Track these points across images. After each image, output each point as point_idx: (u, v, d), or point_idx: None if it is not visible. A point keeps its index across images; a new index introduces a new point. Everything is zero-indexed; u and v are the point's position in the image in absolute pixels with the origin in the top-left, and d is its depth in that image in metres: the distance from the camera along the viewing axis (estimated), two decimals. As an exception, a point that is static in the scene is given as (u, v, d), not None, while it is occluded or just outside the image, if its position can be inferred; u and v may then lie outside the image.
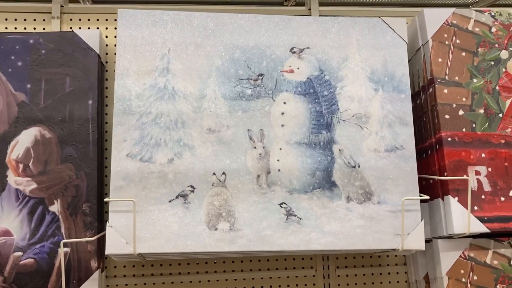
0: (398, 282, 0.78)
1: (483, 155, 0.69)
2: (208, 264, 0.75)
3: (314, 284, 0.77)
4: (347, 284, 0.77)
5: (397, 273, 0.78)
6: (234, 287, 0.75)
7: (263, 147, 0.67)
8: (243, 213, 0.64)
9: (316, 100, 0.69)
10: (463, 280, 0.67)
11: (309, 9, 0.82)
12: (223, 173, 0.65)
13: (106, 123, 0.75)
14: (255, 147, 0.66)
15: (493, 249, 0.69)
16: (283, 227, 0.65)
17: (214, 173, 0.65)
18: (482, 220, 0.66)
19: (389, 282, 0.78)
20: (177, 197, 0.64)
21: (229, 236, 0.63)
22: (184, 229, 0.63)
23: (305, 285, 0.76)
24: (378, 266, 0.78)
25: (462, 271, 0.68)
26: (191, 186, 0.64)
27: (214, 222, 0.64)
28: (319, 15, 0.81)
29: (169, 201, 0.63)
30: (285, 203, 0.65)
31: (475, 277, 0.68)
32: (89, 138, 0.69)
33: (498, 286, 0.67)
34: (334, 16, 0.78)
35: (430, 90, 0.71)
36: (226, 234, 0.63)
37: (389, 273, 0.78)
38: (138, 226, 0.62)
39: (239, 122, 0.67)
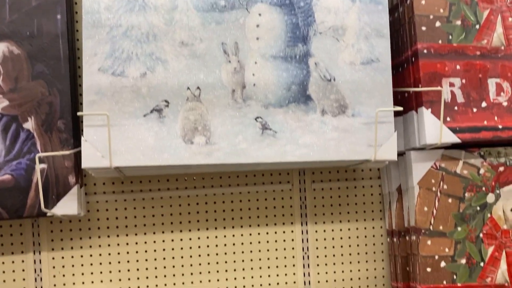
0: (372, 194, 0.81)
1: (458, 67, 0.69)
2: (187, 180, 0.77)
3: (290, 198, 0.79)
4: (323, 197, 0.80)
5: (371, 186, 0.81)
6: (213, 201, 0.77)
7: (238, 61, 0.66)
8: (219, 127, 0.65)
9: (292, 12, 0.67)
10: (434, 189, 0.70)
11: None
12: (198, 87, 0.65)
13: (78, 40, 0.73)
14: (229, 61, 0.65)
15: (463, 159, 0.71)
16: (258, 141, 0.65)
17: (188, 88, 0.64)
18: (454, 130, 0.68)
19: (363, 195, 0.81)
20: (151, 111, 0.63)
21: (205, 150, 0.64)
22: (160, 143, 0.63)
23: (282, 198, 0.79)
24: (353, 180, 0.81)
25: (433, 181, 0.70)
26: (165, 101, 0.64)
27: (189, 136, 0.64)
28: None
29: (144, 115, 0.63)
30: (260, 117, 0.66)
31: (445, 186, 0.70)
32: (60, 54, 0.67)
33: (466, 194, 0.70)
34: None
35: (408, 1, 0.70)
36: (202, 148, 0.64)
37: (363, 187, 0.81)
38: (113, 140, 0.62)
39: (212, 35, 0.65)
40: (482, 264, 0.70)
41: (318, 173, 0.80)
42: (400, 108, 0.66)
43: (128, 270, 0.75)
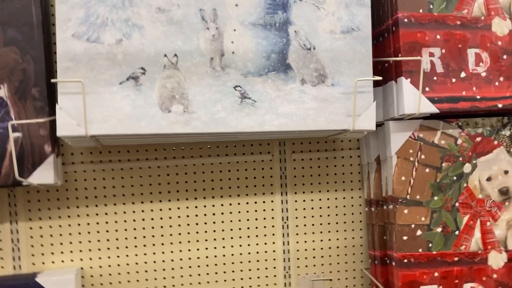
0: (351, 165, 0.82)
1: (438, 36, 0.69)
2: (166, 150, 0.76)
3: (271, 168, 0.79)
4: (302, 168, 0.80)
5: (351, 156, 0.81)
6: (193, 172, 0.77)
7: (216, 28, 0.64)
8: (197, 96, 0.64)
9: (272, -22, 0.66)
10: (411, 159, 0.71)
11: None
12: (175, 55, 0.63)
13: (52, 5, 0.71)
14: (207, 28, 0.64)
15: (441, 129, 0.71)
16: (237, 110, 0.65)
17: (165, 55, 0.63)
18: (432, 100, 0.68)
19: (343, 165, 0.81)
20: (127, 79, 0.62)
21: (183, 118, 0.63)
22: (136, 111, 0.62)
23: (262, 168, 0.79)
24: (333, 150, 0.81)
25: (411, 151, 0.71)
26: (142, 68, 0.63)
27: (167, 105, 0.63)
28: None
29: (120, 83, 0.62)
30: (239, 86, 0.65)
31: (422, 156, 0.71)
32: (32, 20, 0.65)
33: (443, 164, 0.71)
34: None
35: (390, -31, 0.69)
36: (180, 116, 0.63)
37: (342, 157, 0.81)
38: (89, 108, 0.61)
39: (190, 1, 0.64)
40: (457, 232, 0.71)
41: (298, 143, 0.80)
42: (379, 78, 0.66)
43: (108, 240, 0.75)
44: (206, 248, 0.78)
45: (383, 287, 0.74)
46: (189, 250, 0.77)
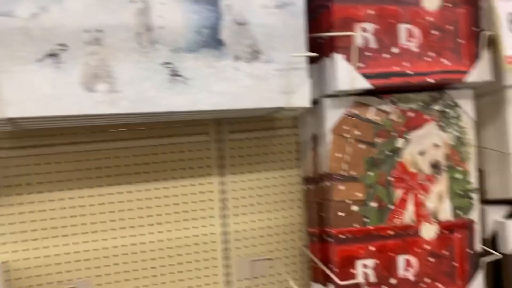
0: (289, 143, 0.81)
1: (371, 12, 0.68)
2: (96, 133, 0.72)
3: (208, 149, 0.77)
4: (240, 148, 0.78)
5: (288, 135, 0.81)
6: (124, 156, 0.73)
7: (143, 1, 0.61)
8: (123, 74, 0.60)
9: (201, -51, 0.63)
10: (346, 135, 0.71)
11: None
12: (98, 30, 0.59)
13: (-43, -25, 0.64)
14: (133, 1, 0.60)
15: (375, 105, 0.72)
16: (168, 88, 0.62)
17: (87, 30, 0.59)
18: (366, 76, 0.68)
19: (281, 144, 0.80)
20: (45, 56, 0.57)
21: (108, 98, 0.59)
22: (57, 91, 0.57)
23: (199, 150, 0.77)
24: (270, 129, 0.80)
25: (345, 127, 0.71)
26: (62, 45, 0.58)
27: (90, 84, 0.59)
28: None
29: (37, 61, 0.57)
30: (169, 63, 0.62)
31: (357, 132, 0.71)
32: None
33: (377, 140, 0.72)
34: None
35: None
36: (106, 96, 0.59)
37: (280, 136, 0.80)
38: (4, 88, 0.56)
39: (113, -29, 0.59)
40: (391, 206, 0.72)
41: (235, 123, 0.78)
42: (314, 54, 0.65)
43: (34, 230, 0.70)
44: (142, 234, 0.75)
45: (321, 263, 0.74)
46: (123, 237, 0.74)
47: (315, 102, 0.74)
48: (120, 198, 0.73)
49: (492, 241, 0.81)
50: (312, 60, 0.72)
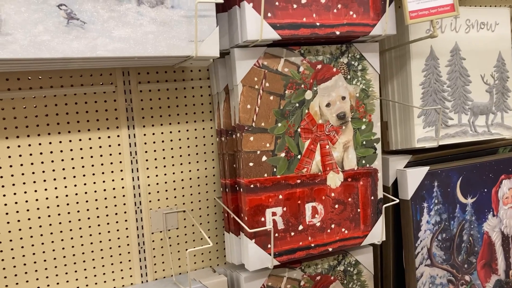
0: (201, 96, 0.80)
1: (279, -40, 0.68)
2: (-13, 82, 0.66)
3: (114, 100, 0.74)
4: (150, 99, 0.76)
5: (201, 87, 0.80)
6: (23, 107, 0.69)
7: None
8: (13, 15, 0.55)
9: None
10: (256, 87, 0.71)
11: None
12: (-20, -36, 0.53)
13: None
14: None
15: (285, 57, 0.72)
16: (64, 32, 0.57)
17: (-34, -37, 0.53)
18: (274, 27, 0.68)
19: (193, 96, 0.79)
20: None
21: (-4, 41, 0.55)
22: None
23: (105, 101, 0.73)
24: (182, 80, 0.78)
25: (255, 79, 0.71)
26: None
27: (-27, 24, 0.53)
28: None
29: None
30: (64, 5, 0.57)
31: (267, 84, 0.71)
32: None
33: (286, 91, 0.73)
34: None
35: None
36: (-8, 39, 0.54)
37: (192, 88, 0.79)
38: None
39: None
40: (299, 156, 0.74)
41: (144, 73, 0.76)
42: (221, 1, 0.63)
43: None
44: (46, 189, 0.71)
45: (233, 213, 0.76)
46: (35, 191, 0.70)
47: (227, 53, 0.73)
48: (21, 152, 0.69)
49: (393, 188, 0.86)
50: (222, 8, 0.70)
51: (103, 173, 0.75)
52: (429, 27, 0.82)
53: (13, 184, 0.69)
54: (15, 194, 0.69)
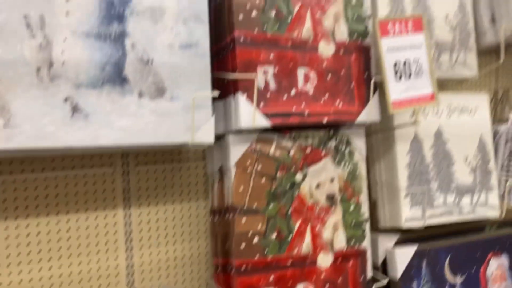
0: (197, 176, 0.83)
1: (271, 55, 0.73)
2: (-8, 165, 0.70)
3: (113, 182, 0.77)
4: (147, 180, 0.79)
5: (196, 167, 0.83)
6: (24, 188, 0.71)
7: (44, 36, 0.60)
8: (21, 109, 0.59)
9: (107, -12, 0.64)
10: (249, 170, 0.74)
11: None
12: (-5, 63, 0.58)
13: None
14: (33, 36, 0.60)
15: (276, 142, 0.76)
16: (68, 123, 0.62)
17: (-18, 63, 0.57)
18: (266, 115, 0.73)
19: (189, 176, 0.82)
20: None
21: (4, 134, 0.58)
22: None
23: (104, 182, 0.76)
24: (178, 162, 0.82)
25: (248, 162, 0.74)
26: (-46, 77, 0.56)
27: (-15, 118, 0.57)
28: None
29: None
30: (70, 98, 0.62)
31: (259, 167, 0.75)
32: None
33: (278, 174, 0.76)
34: None
35: (227, -12, 0.72)
36: (1, 132, 0.58)
37: (188, 168, 0.82)
38: None
39: (13, 5, 0.59)
40: (290, 237, 0.77)
41: (142, 155, 0.79)
42: (216, 94, 0.68)
43: None
44: (47, 268, 0.72)
45: (225, 293, 0.76)
46: (29, 272, 0.71)
47: (222, 136, 0.77)
48: (19, 232, 0.71)
49: (383, 267, 0.87)
50: (219, 96, 0.75)
51: (97, 252, 0.76)
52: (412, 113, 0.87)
53: (8, 265, 0.70)
54: (10, 274, 0.70)
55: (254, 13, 0.72)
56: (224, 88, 0.74)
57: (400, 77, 0.79)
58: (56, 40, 0.61)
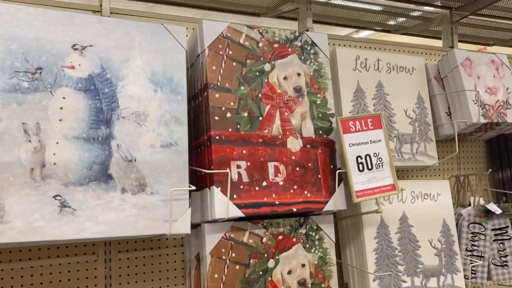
0: (175, 261, 0.88)
1: (244, 151, 0.81)
2: (-18, 255, 0.74)
3: (95, 269, 0.82)
4: (128, 267, 0.84)
5: (175, 253, 0.88)
6: (10, 277, 0.76)
7: (39, 141, 0.68)
8: (14, 206, 0.65)
9: (97, 97, 0.73)
10: (223, 257, 0.80)
11: (101, 5, 0.84)
12: (-7, 166, 0.65)
13: None
14: (30, 140, 0.68)
15: (249, 230, 0.82)
16: (56, 218, 0.68)
17: (-18, 166, 0.64)
18: (239, 206, 0.79)
19: (167, 262, 0.87)
20: None
21: (-4, 229, 0.64)
22: None
23: (87, 270, 0.81)
24: (158, 248, 0.87)
25: (223, 250, 0.80)
26: (-45, 179, 0.63)
27: (-20, 215, 0.63)
28: (110, 13, 0.85)
29: None
30: (59, 195, 0.68)
31: (233, 254, 0.80)
32: None
33: (251, 261, 0.81)
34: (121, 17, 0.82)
35: (205, 93, 0.81)
36: (-6, 227, 0.64)
37: (167, 254, 0.87)
38: None
39: (13, 115, 0.67)
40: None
41: (124, 243, 0.84)
42: (193, 188, 0.75)
43: None
44: None
45: None
46: None
47: (199, 224, 0.82)
48: (1, 320, 0.74)
49: None
50: (196, 188, 0.82)
51: None
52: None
53: None
54: None
55: (228, 114, 0.81)
56: (201, 180, 0.82)
57: (363, 169, 0.87)
58: (49, 143, 0.69)
